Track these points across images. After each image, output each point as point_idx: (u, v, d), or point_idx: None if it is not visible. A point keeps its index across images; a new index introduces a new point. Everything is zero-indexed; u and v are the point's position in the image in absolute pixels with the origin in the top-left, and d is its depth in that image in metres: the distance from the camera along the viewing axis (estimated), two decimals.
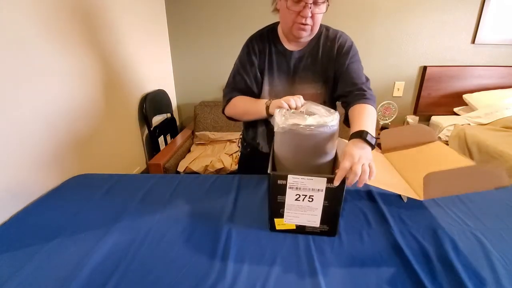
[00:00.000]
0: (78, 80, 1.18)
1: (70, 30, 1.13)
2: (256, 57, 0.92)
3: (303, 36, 0.84)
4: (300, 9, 0.78)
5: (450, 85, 2.18)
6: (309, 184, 0.62)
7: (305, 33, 0.83)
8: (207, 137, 2.03)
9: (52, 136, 1.03)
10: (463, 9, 2.02)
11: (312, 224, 0.66)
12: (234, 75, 0.96)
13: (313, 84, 0.93)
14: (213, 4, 2.09)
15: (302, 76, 0.92)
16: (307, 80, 0.92)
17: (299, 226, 0.67)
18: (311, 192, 0.62)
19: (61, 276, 0.57)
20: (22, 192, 0.89)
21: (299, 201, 0.64)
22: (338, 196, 0.62)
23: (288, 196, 0.64)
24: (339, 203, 0.63)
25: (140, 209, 0.80)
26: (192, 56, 2.24)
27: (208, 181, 0.95)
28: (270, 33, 0.93)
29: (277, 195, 0.64)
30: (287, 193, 0.63)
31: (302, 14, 0.78)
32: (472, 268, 0.57)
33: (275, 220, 0.67)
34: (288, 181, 0.62)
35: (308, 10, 0.77)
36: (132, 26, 1.62)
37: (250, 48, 0.92)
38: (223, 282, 0.54)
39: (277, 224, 0.67)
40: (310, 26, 0.81)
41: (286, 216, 0.66)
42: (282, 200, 0.64)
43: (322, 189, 0.62)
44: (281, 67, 0.92)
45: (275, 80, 0.93)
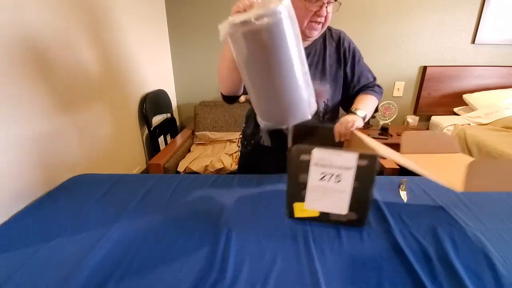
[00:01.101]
0: (78, 80, 1.18)
1: (69, 31, 1.13)
2: None
3: (314, 36, 0.86)
4: (317, 8, 0.80)
5: (450, 85, 2.18)
6: (336, 161, 0.52)
7: (317, 32, 0.85)
8: (207, 137, 2.03)
9: (51, 135, 1.03)
10: (463, 9, 2.02)
11: (338, 210, 0.57)
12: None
13: (319, 81, 0.93)
14: (213, 4, 2.09)
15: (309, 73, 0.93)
16: (314, 78, 0.92)
17: (323, 213, 0.57)
18: (339, 170, 0.53)
19: (61, 276, 0.57)
20: (22, 192, 0.89)
21: (324, 181, 0.54)
22: (370, 176, 0.54)
23: (312, 175, 0.54)
24: (370, 185, 0.54)
25: (140, 209, 0.80)
26: (192, 56, 2.24)
27: (208, 181, 0.95)
28: None
29: (298, 174, 0.54)
30: (310, 171, 0.54)
31: (319, 14, 0.80)
32: (472, 268, 0.57)
33: (295, 205, 0.58)
34: (313, 156, 0.53)
35: (325, 9, 0.80)
36: (132, 26, 1.62)
37: None
38: (223, 282, 0.54)
39: (296, 210, 0.58)
40: (321, 25, 0.84)
41: (308, 200, 0.57)
42: (303, 180, 0.55)
43: (352, 167, 0.53)
44: None
45: None
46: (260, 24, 0.53)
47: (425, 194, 0.86)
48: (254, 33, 0.55)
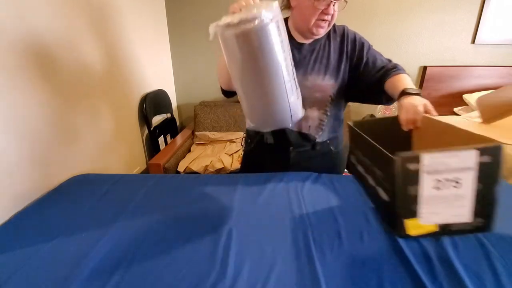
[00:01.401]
0: (77, 80, 1.18)
1: (70, 30, 1.13)
2: None
3: (321, 34, 0.87)
4: (325, 6, 0.81)
5: (450, 85, 2.18)
6: (453, 163, 0.45)
7: (324, 30, 0.86)
8: (207, 137, 2.03)
9: (52, 135, 1.03)
10: (463, 9, 2.02)
11: (460, 219, 0.49)
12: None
13: (324, 76, 0.94)
14: (213, 4, 2.09)
15: (313, 67, 0.93)
16: (319, 72, 0.93)
17: (443, 225, 0.50)
18: (456, 173, 0.46)
19: (61, 276, 0.57)
20: (22, 192, 0.89)
21: (440, 189, 0.47)
22: (495, 172, 0.45)
23: (425, 185, 0.47)
24: (495, 183, 0.46)
25: (140, 209, 0.80)
26: (192, 56, 2.24)
27: (208, 181, 0.95)
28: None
29: (406, 186, 0.47)
30: (422, 180, 0.46)
31: (326, 12, 0.81)
32: (472, 268, 0.57)
33: (406, 222, 0.49)
34: (423, 163, 0.45)
35: (332, 7, 0.81)
36: (132, 26, 1.62)
37: None
38: (223, 282, 0.54)
39: (410, 227, 0.50)
40: (328, 23, 0.85)
41: (424, 213, 0.48)
42: (413, 192, 0.47)
43: (473, 167, 0.45)
44: (293, 58, 0.93)
45: None
46: (241, 28, 0.54)
47: None
48: (235, 36, 0.56)
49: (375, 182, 0.59)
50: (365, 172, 0.65)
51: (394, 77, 0.86)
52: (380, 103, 0.98)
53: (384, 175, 0.53)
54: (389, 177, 0.50)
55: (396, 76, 0.86)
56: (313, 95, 0.95)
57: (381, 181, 0.55)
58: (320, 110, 0.97)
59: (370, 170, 0.61)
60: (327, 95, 0.95)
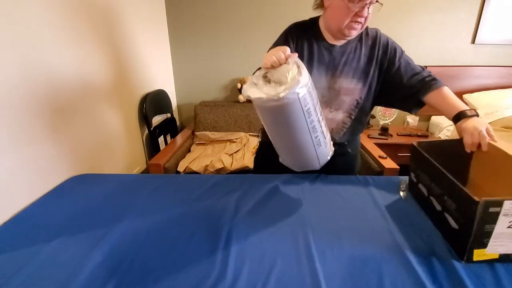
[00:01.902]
0: (78, 80, 1.18)
1: (70, 31, 1.13)
2: (293, 43, 0.92)
3: (353, 35, 0.86)
4: (359, 9, 0.79)
5: (450, 85, 2.12)
6: None
7: (356, 32, 0.85)
8: (207, 137, 2.03)
9: (52, 135, 1.03)
10: (463, 9, 2.02)
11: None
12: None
13: (352, 79, 0.92)
14: (213, 4, 2.09)
15: (343, 70, 0.92)
16: (348, 75, 0.92)
17: (503, 255, 0.58)
18: None
19: (61, 276, 0.57)
20: (22, 192, 0.89)
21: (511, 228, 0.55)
22: None
23: (500, 224, 0.55)
24: None
25: (140, 209, 0.80)
26: (192, 56, 2.25)
27: (208, 181, 0.95)
28: (311, 26, 0.93)
29: (484, 225, 0.55)
30: (499, 220, 0.54)
31: (360, 14, 0.80)
32: (472, 268, 0.57)
33: (475, 251, 0.58)
34: (503, 207, 0.53)
35: (367, 10, 0.79)
36: (132, 26, 1.62)
37: (288, 34, 0.92)
38: (224, 282, 0.54)
39: (475, 255, 0.58)
40: (361, 25, 0.83)
41: (491, 246, 0.57)
42: (489, 229, 0.55)
43: None
44: (322, 59, 0.92)
45: (314, 71, 0.92)
46: (270, 104, 0.61)
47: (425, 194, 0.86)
48: (264, 108, 0.64)
49: (442, 207, 0.65)
50: (428, 194, 0.72)
51: (439, 92, 0.87)
52: (406, 110, 0.97)
53: (456, 207, 0.59)
54: (463, 211, 0.57)
55: (441, 91, 0.87)
56: (340, 98, 0.93)
57: (451, 210, 0.61)
58: (345, 113, 0.95)
59: (436, 195, 0.67)
60: (354, 98, 0.94)
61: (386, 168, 1.41)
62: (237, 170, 1.66)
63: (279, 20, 0.99)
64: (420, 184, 0.76)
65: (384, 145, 1.89)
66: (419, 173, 0.77)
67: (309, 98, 0.64)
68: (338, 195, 0.85)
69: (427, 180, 0.72)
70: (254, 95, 0.61)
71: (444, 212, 0.64)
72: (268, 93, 0.60)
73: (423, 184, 0.74)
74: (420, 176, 0.76)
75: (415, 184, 0.80)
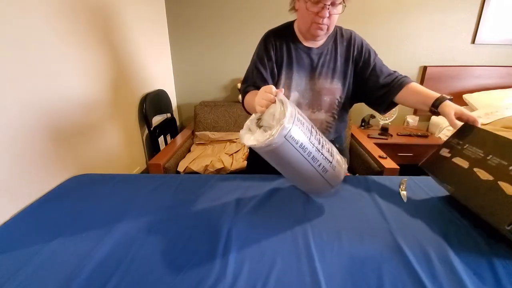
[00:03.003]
0: (78, 80, 1.18)
1: (70, 31, 1.13)
2: (274, 52, 0.95)
3: (320, 35, 0.88)
4: (319, 10, 0.81)
5: (450, 85, 2.18)
6: None
7: (322, 32, 0.87)
8: (207, 137, 2.03)
9: (52, 136, 1.03)
10: (463, 9, 2.02)
11: None
12: (251, 70, 0.98)
13: (332, 80, 0.96)
14: (213, 4, 2.09)
15: (321, 71, 0.95)
16: (327, 76, 0.96)
17: None
18: None
19: (61, 276, 0.57)
20: (22, 192, 0.89)
21: None
22: None
23: None
24: None
25: (140, 209, 0.80)
26: (192, 56, 2.24)
27: (208, 181, 0.95)
28: (286, 30, 0.96)
29: None
30: None
31: (321, 15, 0.82)
32: (472, 268, 0.57)
33: None
34: None
35: (326, 11, 0.81)
36: (132, 26, 1.62)
37: (268, 42, 0.95)
38: (224, 282, 0.54)
39: None
40: (327, 26, 0.85)
41: None
42: None
43: None
44: (301, 63, 0.95)
45: (295, 75, 0.96)
46: (264, 149, 0.63)
47: (425, 193, 0.86)
48: (260, 152, 0.66)
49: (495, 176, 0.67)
50: (471, 166, 0.73)
51: (411, 86, 0.90)
52: (377, 108, 1.00)
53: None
54: None
55: (412, 86, 0.90)
56: (321, 98, 0.97)
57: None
58: (327, 113, 0.99)
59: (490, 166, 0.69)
60: (335, 98, 0.97)
61: (386, 168, 1.41)
62: (237, 170, 1.65)
63: (279, 20, 1.00)
64: (456, 158, 0.77)
65: (384, 145, 1.88)
66: (465, 147, 0.77)
67: (299, 134, 0.65)
68: (338, 195, 0.85)
69: (480, 152, 0.73)
70: (248, 143, 0.64)
71: (498, 181, 0.65)
72: (259, 140, 0.63)
73: (464, 158, 0.75)
74: (461, 150, 0.77)
75: (444, 159, 0.80)
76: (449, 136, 0.83)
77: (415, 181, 0.93)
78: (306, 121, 0.69)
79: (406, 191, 0.87)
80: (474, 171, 0.71)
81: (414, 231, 0.69)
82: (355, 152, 1.84)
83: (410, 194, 0.86)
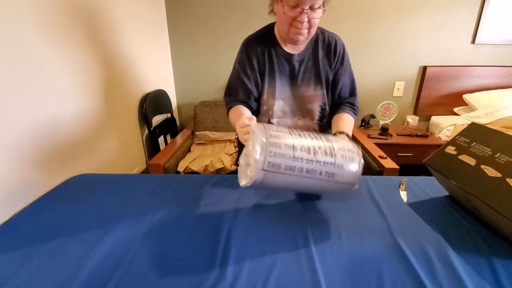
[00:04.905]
0: (78, 80, 1.18)
1: (70, 31, 1.13)
2: (256, 60, 0.92)
3: (300, 40, 0.85)
4: (297, 14, 0.78)
5: (450, 85, 2.18)
6: None
7: (302, 37, 0.84)
8: (207, 137, 2.03)
9: (52, 136, 1.03)
10: (463, 9, 2.02)
11: None
12: (235, 80, 0.96)
13: (315, 86, 0.94)
14: (213, 5, 2.09)
15: (303, 78, 0.93)
16: (309, 82, 0.94)
17: None
18: None
19: (61, 276, 0.57)
20: (22, 192, 0.88)
21: None
22: None
23: None
24: None
25: (140, 209, 0.80)
26: (192, 56, 2.24)
27: (208, 181, 0.95)
28: (267, 35, 0.93)
29: None
30: None
31: (299, 20, 0.79)
32: (472, 268, 0.57)
33: None
34: None
35: (305, 15, 0.78)
36: (132, 26, 1.62)
37: (249, 50, 0.92)
38: (223, 282, 0.54)
39: None
40: (306, 30, 0.82)
41: None
42: None
43: None
44: (283, 70, 0.93)
45: (277, 83, 0.93)
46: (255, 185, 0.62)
47: (425, 194, 0.86)
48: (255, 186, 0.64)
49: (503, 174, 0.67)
50: (479, 163, 0.73)
51: (343, 114, 0.93)
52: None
53: None
54: None
55: (344, 115, 0.93)
56: (305, 106, 0.95)
57: None
58: (312, 120, 0.98)
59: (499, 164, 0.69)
60: (318, 105, 0.96)
61: (386, 168, 1.41)
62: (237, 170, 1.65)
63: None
64: (463, 155, 0.77)
65: (384, 145, 1.88)
66: (472, 145, 0.77)
67: (279, 159, 0.61)
68: None
69: (488, 150, 0.73)
70: (241, 183, 0.64)
71: (506, 178, 0.65)
72: (246, 178, 0.63)
73: (471, 155, 0.75)
74: (468, 148, 0.77)
75: (450, 156, 0.80)
76: (456, 135, 0.83)
77: (415, 181, 0.93)
78: (285, 138, 0.64)
79: (406, 191, 0.87)
80: (481, 168, 0.71)
81: (414, 231, 0.69)
82: None
83: (410, 194, 0.86)
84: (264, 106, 0.96)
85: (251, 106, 0.95)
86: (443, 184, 0.84)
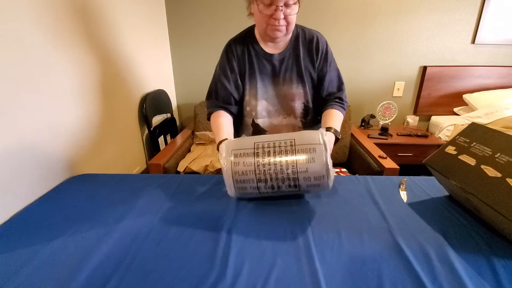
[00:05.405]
0: (78, 81, 1.18)
1: (70, 31, 1.13)
2: (236, 62, 0.94)
3: (278, 37, 0.86)
4: (272, 12, 0.80)
5: (450, 85, 2.18)
6: None
7: (280, 33, 0.85)
8: (207, 137, 2.03)
9: (52, 136, 1.03)
10: (463, 9, 2.02)
11: None
12: (215, 82, 0.98)
13: (297, 85, 0.95)
14: (213, 4, 2.09)
15: (285, 77, 0.94)
16: (291, 81, 0.94)
17: None
18: None
19: (61, 276, 0.57)
20: (22, 192, 0.89)
21: None
22: None
23: None
24: None
25: (140, 209, 0.80)
26: (192, 56, 2.24)
27: (208, 181, 0.95)
28: (247, 36, 0.95)
29: None
30: None
31: (275, 17, 0.80)
32: (472, 268, 0.57)
33: None
34: None
35: (280, 12, 0.79)
36: (132, 26, 1.62)
37: (229, 53, 0.94)
38: (223, 282, 0.54)
39: None
40: (284, 27, 0.83)
41: None
42: None
43: None
44: (264, 70, 0.94)
45: (259, 83, 0.94)
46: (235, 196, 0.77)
47: (425, 194, 0.86)
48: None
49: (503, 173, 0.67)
50: (479, 163, 0.73)
51: (331, 110, 0.93)
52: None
53: None
54: None
55: (333, 111, 0.93)
56: (288, 104, 0.96)
57: None
58: (297, 118, 0.98)
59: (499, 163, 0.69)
60: (302, 102, 0.96)
61: (386, 168, 1.41)
62: None
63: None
64: (463, 155, 0.77)
65: (384, 145, 1.88)
66: (472, 145, 0.78)
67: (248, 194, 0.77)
68: (338, 195, 0.85)
69: (488, 150, 0.73)
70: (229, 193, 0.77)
71: (506, 178, 0.65)
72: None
73: (471, 155, 0.76)
74: (468, 148, 0.77)
75: (450, 156, 0.80)
76: (456, 135, 0.83)
77: (415, 181, 0.93)
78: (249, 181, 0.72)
79: (406, 191, 0.87)
80: (481, 168, 0.71)
81: (414, 231, 0.69)
82: (355, 152, 1.84)
83: (410, 194, 0.86)
84: (247, 107, 0.97)
85: (231, 111, 0.97)
86: (443, 184, 0.84)
